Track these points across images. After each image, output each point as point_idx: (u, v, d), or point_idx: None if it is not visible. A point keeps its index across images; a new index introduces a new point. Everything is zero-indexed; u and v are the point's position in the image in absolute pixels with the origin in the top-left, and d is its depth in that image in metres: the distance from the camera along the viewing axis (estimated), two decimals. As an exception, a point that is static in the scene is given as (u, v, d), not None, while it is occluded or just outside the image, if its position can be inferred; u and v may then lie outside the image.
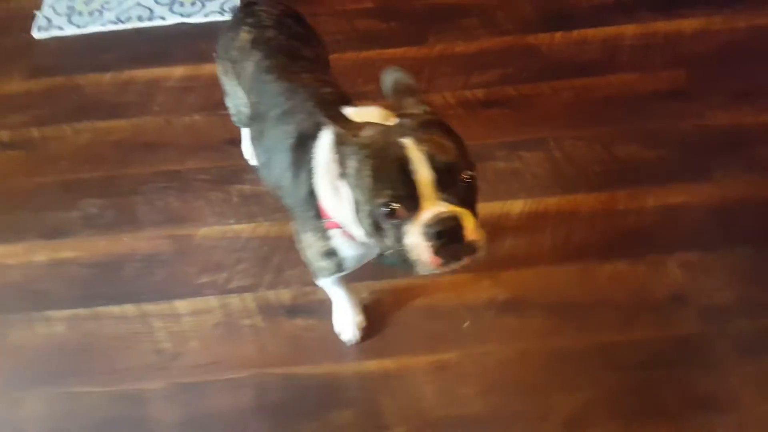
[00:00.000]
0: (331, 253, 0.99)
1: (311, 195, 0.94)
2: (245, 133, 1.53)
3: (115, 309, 1.39)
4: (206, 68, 1.76)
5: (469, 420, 1.23)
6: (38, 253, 1.49)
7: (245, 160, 1.57)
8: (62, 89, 1.77)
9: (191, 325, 1.36)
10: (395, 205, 0.78)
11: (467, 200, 0.81)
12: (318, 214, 0.94)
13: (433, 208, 0.77)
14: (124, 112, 1.70)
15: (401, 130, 0.81)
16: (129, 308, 1.39)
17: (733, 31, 1.75)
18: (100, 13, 1.90)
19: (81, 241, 1.49)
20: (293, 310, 1.37)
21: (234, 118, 1.40)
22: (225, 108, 1.66)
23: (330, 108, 0.85)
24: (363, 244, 0.93)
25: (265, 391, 1.28)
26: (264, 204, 1.51)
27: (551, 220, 1.45)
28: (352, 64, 1.74)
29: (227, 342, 1.34)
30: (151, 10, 1.89)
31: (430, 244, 0.77)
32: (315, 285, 1.37)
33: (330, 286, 1.21)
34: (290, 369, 1.30)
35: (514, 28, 1.79)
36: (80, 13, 1.90)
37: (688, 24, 1.77)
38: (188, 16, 1.88)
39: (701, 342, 1.29)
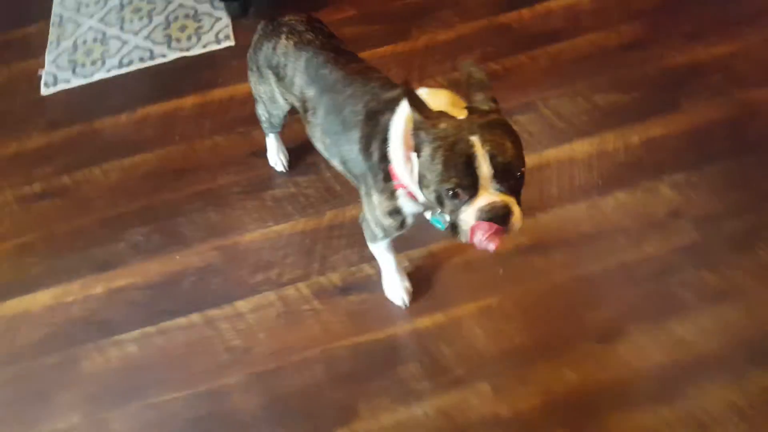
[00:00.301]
0: (396, 212, 1.18)
1: (382, 160, 1.11)
2: (271, 142, 1.70)
3: (181, 320, 1.54)
4: (215, 93, 1.94)
5: (517, 351, 1.42)
6: (95, 287, 1.63)
7: (271, 168, 1.74)
8: (82, 136, 1.91)
9: (255, 321, 1.52)
10: (458, 190, 0.97)
11: (516, 190, 1.01)
12: (387, 176, 1.12)
13: (488, 196, 0.97)
14: (146, 146, 1.85)
15: (471, 127, 0.98)
16: (194, 317, 1.54)
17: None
18: (102, 61, 2.05)
19: (133, 268, 1.64)
20: (345, 289, 1.54)
21: (264, 125, 1.56)
22: (243, 125, 1.85)
23: (411, 94, 1.02)
24: (423, 204, 1.12)
25: (335, 363, 1.44)
26: (296, 202, 1.68)
27: (554, 169, 1.66)
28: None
29: (292, 328, 1.50)
30: (150, 51, 2.05)
31: (479, 225, 0.98)
32: (360, 264, 1.56)
33: (382, 251, 1.39)
34: (354, 339, 1.47)
35: (485, 12, 2.01)
36: (83, 65, 2.05)
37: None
38: (187, 50, 2.04)
39: (703, 247, 1.50)
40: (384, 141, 1.11)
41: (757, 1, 1.91)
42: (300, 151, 1.76)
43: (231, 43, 2.06)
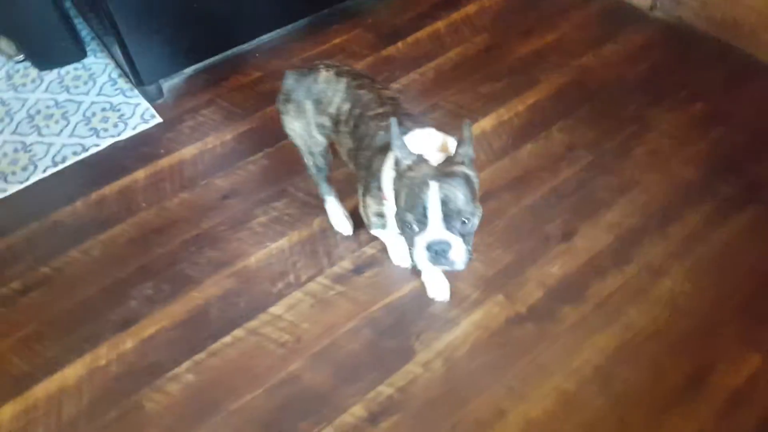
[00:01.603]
0: (381, 215, 1.56)
1: (378, 174, 1.49)
2: (331, 207, 1.97)
3: (225, 339, 1.75)
4: (163, 162, 2.23)
5: (509, 266, 1.88)
6: (124, 344, 1.77)
7: (249, 203, 2.06)
8: (42, 230, 2.04)
9: (293, 317, 1.79)
10: (413, 224, 1.32)
11: (463, 232, 1.32)
12: (379, 186, 1.50)
13: (435, 233, 1.29)
14: (116, 220, 2.05)
15: (435, 174, 1.29)
16: (237, 332, 1.77)
17: None
18: (34, 165, 2.21)
19: (156, 316, 1.81)
20: (358, 269, 1.89)
21: (312, 171, 1.85)
22: (202, 178, 2.16)
23: (398, 138, 1.34)
24: None
25: (377, 323, 1.77)
26: (283, 222, 2.01)
27: (475, 142, 2.23)
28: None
29: (327, 311, 1.80)
30: (81, 144, 2.27)
31: (425, 254, 1.32)
32: (361, 249, 1.94)
33: (379, 232, 1.72)
34: (383, 302, 1.82)
35: (369, 51, 2.60)
36: (13, 173, 2.19)
37: (475, 5, 2.78)
38: (118, 135, 2.30)
39: (598, 162, 2.14)
40: (383, 162, 1.47)
41: (561, 1, 2.77)
42: (266, 184, 2.12)
43: (159, 120, 2.37)
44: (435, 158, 1.36)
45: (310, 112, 1.70)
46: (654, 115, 2.29)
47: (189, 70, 2.58)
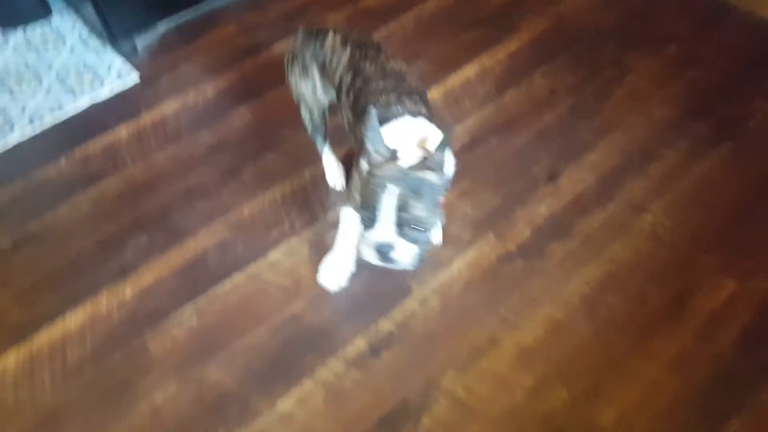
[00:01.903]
0: None
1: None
2: (327, 160, 2.01)
3: (225, 283, 1.82)
4: (145, 119, 2.25)
5: (496, 209, 1.98)
6: (123, 292, 1.82)
7: (238, 155, 2.11)
8: (27, 189, 2.06)
9: (291, 262, 1.86)
10: (367, 220, 1.34)
11: (414, 238, 1.33)
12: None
13: (383, 234, 1.32)
14: (103, 175, 2.08)
15: (398, 178, 1.29)
16: (236, 277, 1.84)
17: None
18: (11, 125, 2.22)
19: (154, 265, 1.87)
20: (350, 215, 1.97)
21: (308, 127, 1.86)
22: (187, 132, 2.20)
23: (373, 131, 1.34)
24: None
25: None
26: (274, 173, 2.07)
27: (459, 89, 2.31)
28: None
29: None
30: (59, 102, 2.28)
31: (371, 250, 1.36)
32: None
33: (347, 216, 1.72)
34: None
35: (346, 3, 2.64)
36: (-8, 132, 2.19)
37: None
38: (95, 93, 2.31)
39: (579, 105, 2.25)
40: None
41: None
42: (253, 136, 2.17)
43: (136, 77, 2.39)
44: (410, 156, 1.37)
45: (315, 75, 1.72)
46: (631, 59, 2.40)
47: (162, 28, 2.59)
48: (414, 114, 1.50)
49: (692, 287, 1.79)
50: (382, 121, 1.48)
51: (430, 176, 1.32)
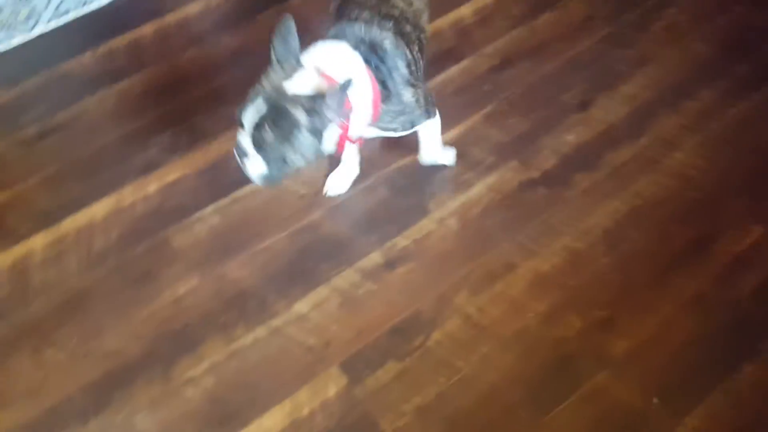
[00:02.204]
0: None
1: None
2: None
3: (246, 188, 1.71)
4: (169, 18, 2.11)
5: (522, 135, 1.81)
6: (147, 187, 1.73)
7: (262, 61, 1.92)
8: (52, 80, 1.97)
9: (311, 171, 1.72)
10: (237, 122, 1.25)
11: (268, 158, 1.23)
12: None
13: (240, 139, 1.24)
14: (128, 71, 1.96)
15: (273, 97, 1.20)
16: (257, 182, 1.70)
17: None
18: (37, 16, 2.06)
19: (177, 163, 1.77)
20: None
21: None
22: (210, 35, 2.07)
23: (289, 39, 1.26)
24: None
25: (392, 182, 1.74)
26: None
27: (483, 16, 2.07)
28: None
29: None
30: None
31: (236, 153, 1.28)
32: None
33: None
34: (399, 164, 1.76)
35: None
36: (16, 24, 2.03)
37: None
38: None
39: (617, 34, 2.02)
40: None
41: None
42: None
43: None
44: (310, 84, 1.23)
45: None
46: (672, -9, 2.14)
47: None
48: (357, 46, 1.34)
49: (717, 230, 1.65)
50: (331, 36, 1.35)
51: (298, 114, 1.21)
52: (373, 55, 1.36)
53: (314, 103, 1.20)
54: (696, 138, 1.80)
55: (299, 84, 1.22)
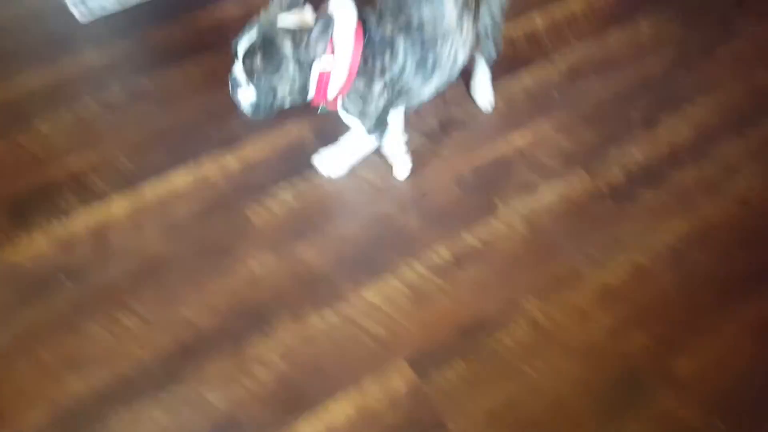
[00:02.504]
0: None
1: None
2: None
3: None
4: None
5: (587, 144, 1.70)
6: (227, 162, 1.62)
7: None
8: (140, 48, 1.86)
9: (385, 167, 1.64)
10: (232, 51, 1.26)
11: (258, 87, 1.24)
12: None
13: (235, 68, 1.25)
14: (212, 49, 1.82)
15: (266, 29, 1.20)
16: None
17: None
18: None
19: (257, 141, 1.68)
20: (443, 128, 1.72)
21: None
22: None
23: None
24: None
25: (464, 180, 1.63)
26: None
27: (556, 25, 1.95)
28: None
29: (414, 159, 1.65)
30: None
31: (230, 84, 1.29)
32: (447, 107, 1.71)
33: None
34: (471, 162, 1.66)
35: None
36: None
37: None
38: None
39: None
40: None
41: None
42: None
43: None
44: (296, 18, 1.23)
45: None
46: (741, 21, 2.00)
47: None
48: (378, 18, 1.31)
49: (779, 258, 1.54)
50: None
51: (286, 45, 1.22)
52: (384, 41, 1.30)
53: (301, 35, 1.22)
54: (759, 165, 1.71)
55: (291, 18, 1.24)
